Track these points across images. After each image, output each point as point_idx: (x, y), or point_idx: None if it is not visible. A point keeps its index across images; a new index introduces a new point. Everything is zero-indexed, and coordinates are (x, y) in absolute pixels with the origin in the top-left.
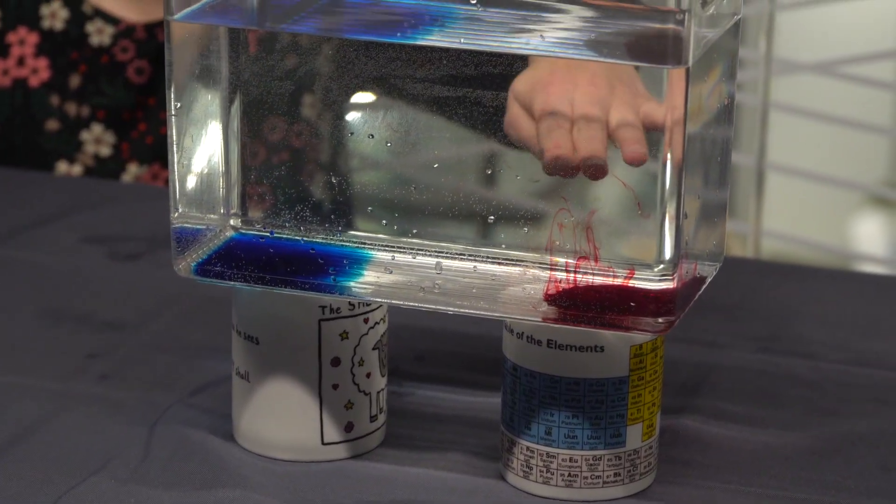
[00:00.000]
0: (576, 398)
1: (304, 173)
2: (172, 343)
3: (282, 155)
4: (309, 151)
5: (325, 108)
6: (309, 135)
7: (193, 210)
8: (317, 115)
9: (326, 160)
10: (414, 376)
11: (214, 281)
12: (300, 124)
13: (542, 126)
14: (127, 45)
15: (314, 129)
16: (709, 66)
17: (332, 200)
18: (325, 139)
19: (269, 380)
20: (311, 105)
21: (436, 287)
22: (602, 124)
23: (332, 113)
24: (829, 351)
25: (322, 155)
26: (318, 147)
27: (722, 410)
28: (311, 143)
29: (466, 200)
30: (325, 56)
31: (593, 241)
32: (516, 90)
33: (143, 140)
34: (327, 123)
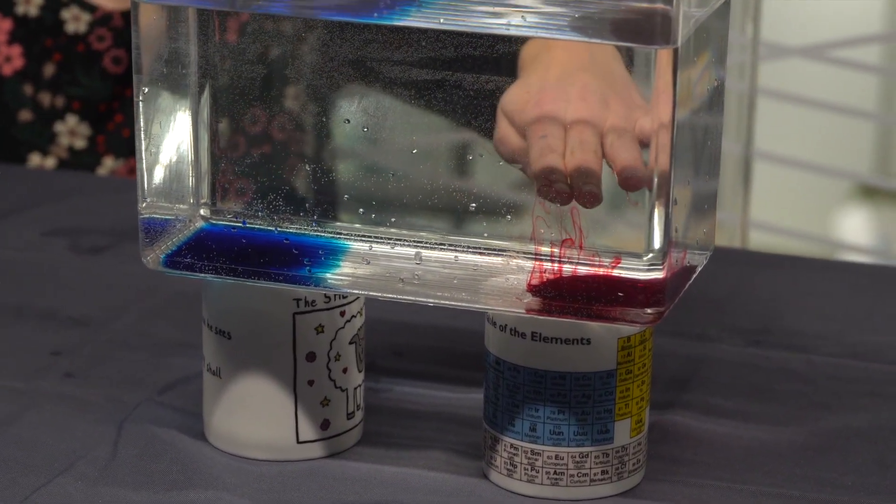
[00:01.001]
0: (561, 393)
1: (278, 161)
2: (140, 339)
3: (254, 142)
4: (282, 138)
5: (299, 93)
6: (282, 121)
7: (162, 200)
8: (290, 101)
9: (300, 147)
10: (392, 371)
11: (184, 273)
12: (272, 110)
13: (534, 150)
14: (104, 33)
15: (287, 114)
16: (698, 48)
17: (307, 189)
18: (298, 125)
19: (242, 376)
20: (284, 90)
21: (415, 278)
22: (596, 148)
23: (306, 98)
24: (822, 344)
25: (296, 141)
26: (292, 133)
27: (713, 405)
28: (284, 129)
29: (447, 188)
30: (299, 39)
31: (579, 223)
32: (505, 107)
33: (119, 132)
34: (301, 109)
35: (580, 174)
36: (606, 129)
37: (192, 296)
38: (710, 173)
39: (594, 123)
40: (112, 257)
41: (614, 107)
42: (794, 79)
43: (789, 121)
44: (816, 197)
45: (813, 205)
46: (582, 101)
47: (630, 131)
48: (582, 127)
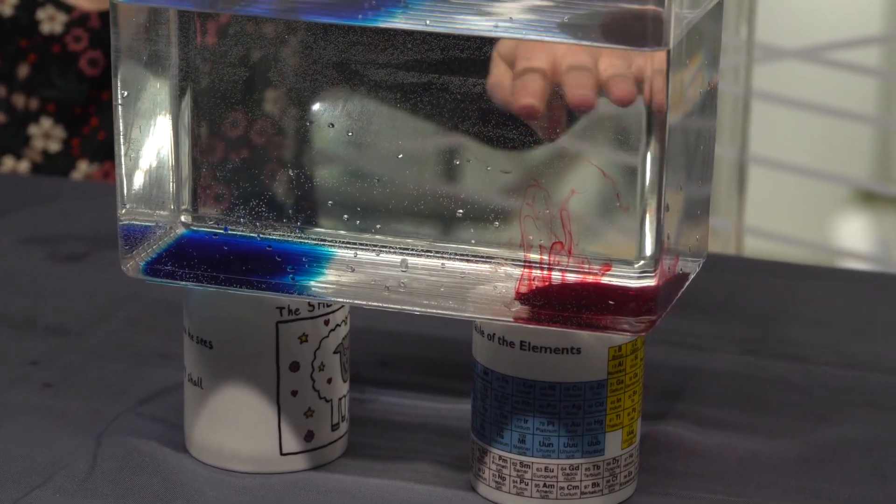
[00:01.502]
0: (551, 403)
1: (260, 166)
2: (120, 348)
3: (236, 147)
4: (265, 142)
5: (282, 96)
6: (265, 125)
7: (142, 206)
8: (273, 105)
9: (283, 152)
10: (377, 382)
11: (164, 281)
12: (255, 114)
13: (520, 70)
14: (80, 34)
15: (270, 119)
16: (690, 51)
17: (290, 194)
18: (281, 130)
19: (224, 386)
20: (267, 94)
21: (401, 286)
22: (589, 64)
23: (290, 102)
24: (818, 353)
25: (279, 146)
26: (275, 138)
27: (706, 416)
28: (267, 133)
29: (433, 194)
30: (282, 41)
31: (569, 227)
32: (501, 49)
33: (94, 136)
34: (284, 113)
35: (571, 72)
36: (602, 58)
37: (172, 304)
38: (704, 178)
39: (586, 60)
40: (91, 265)
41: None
42: (789, 81)
43: (785, 125)
44: (813, 202)
45: (810, 211)
46: (574, 47)
47: (626, 65)
48: (576, 54)
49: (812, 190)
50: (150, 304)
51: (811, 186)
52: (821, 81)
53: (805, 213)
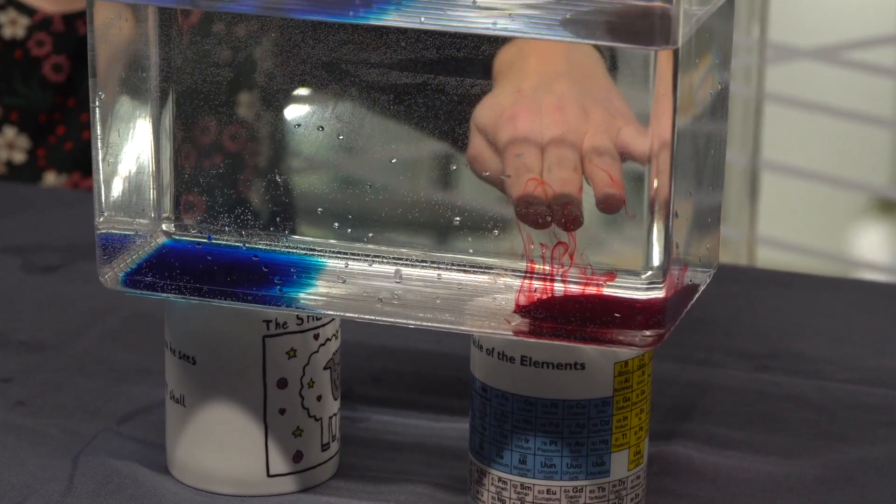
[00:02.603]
0: (553, 422)
1: (246, 171)
2: (98, 364)
3: (220, 151)
4: (251, 147)
5: (269, 98)
6: (251, 129)
7: (121, 214)
8: (259, 107)
9: (270, 156)
10: (370, 399)
11: (145, 293)
12: (240, 117)
13: (510, 171)
14: (43, 38)
15: (256, 122)
16: (700, 50)
17: (278, 201)
18: (268, 133)
19: (208, 404)
20: (253, 96)
21: (395, 298)
22: (575, 166)
23: (277, 104)
24: (835, 369)
25: (265, 151)
26: (261, 142)
27: (717, 436)
28: (253, 137)
29: (428, 200)
30: (269, 39)
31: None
32: (478, 121)
33: (61, 146)
34: (271, 115)
35: (559, 197)
36: (586, 144)
37: (153, 318)
38: (714, 185)
39: (572, 139)
40: (67, 276)
41: (594, 117)
42: (804, 83)
43: (799, 128)
44: (829, 211)
45: (825, 219)
46: (558, 114)
47: (611, 146)
48: (559, 144)
49: (828, 197)
50: (129, 317)
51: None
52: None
53: (820, 222)
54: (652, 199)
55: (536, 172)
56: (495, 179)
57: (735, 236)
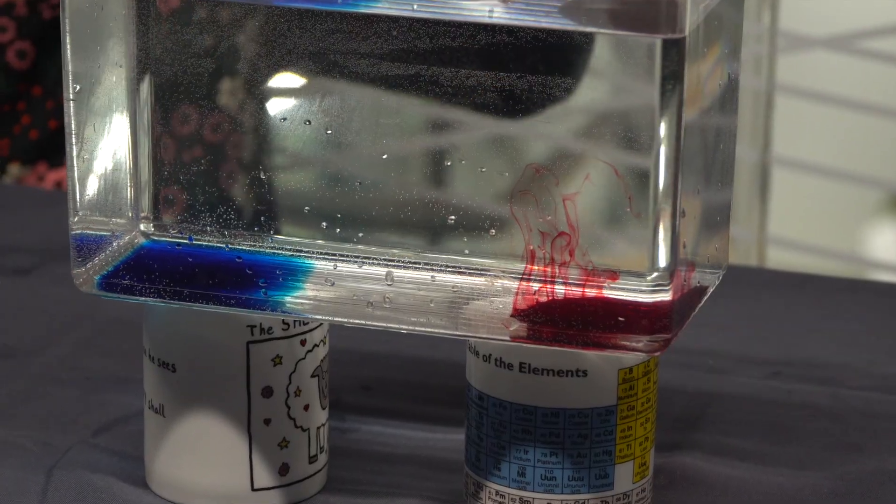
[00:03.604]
0: (554, 432)
1: (229, 168)
2: (72, 372)
3: (202, 147)
4: (234, 142)
5: (253, 90)
6: (233, 123)
7: (97, 214)
8: (243, 100)
9: (254, 152)
10: (360, 409)
11: (122, 297)
12: (223, 110)
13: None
14: (5, 23)
15: (240, 115)
16: (708, 39)
17: (262, 200)
18: (252, 128)
19: (189, 415)
20: (236, 87)
21: (386, 302)
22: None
23: (261, 96)
24: (851, 375)
25: (249, 146)
26: (245, 137)
27: (726, 446)
28: (236, 132)
29: (421, 199)
30: (252, 28)
31: (574, 215)
32: None
33: (25, 136)
34: (255, 109)
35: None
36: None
37: (131, 323)
38: (723, 181)
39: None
40: (39, 279)
41: None
42: (817, 74)
43: (812, 122)
44: (843, 209)
45: (839, 218)
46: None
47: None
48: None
49: (842, 195)
50: (106, 322)
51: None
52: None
53: (834, 221)
54: (658, 197)
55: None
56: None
57: (745, 235)
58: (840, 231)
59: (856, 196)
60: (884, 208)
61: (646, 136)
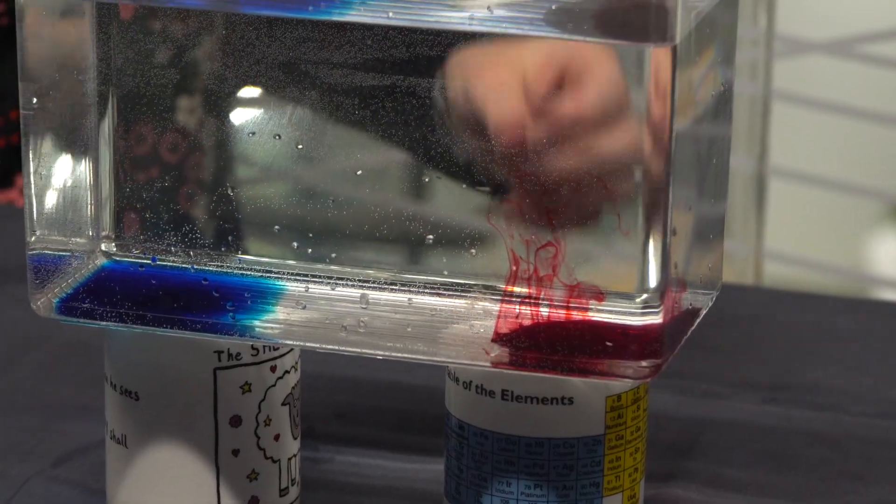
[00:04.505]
0: (538, 463)
1: (194, 184)
2: (30, 400)
3: (166, 162)
4: (199, 158)
5: (220, 103)
6: (199, 137)
7: (55, 232)
8: (209, 113)
9: (221, 168)
10: (334, 438)
11: (82, 321)
12: (189, 123)
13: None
14: None
15: (206, 129)
16: (701, 45)
17: (230, 218)
18: (219, 142)
19: (153, 445)
20: (202, 100)
21: (361, 325)
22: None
23: (229, 109)
24: (852, 400)
25: (216, 162)
26: (212, 152)
27: (721, 476)
28: (202, 147)
29: (398, 216)
30: (219, 38)
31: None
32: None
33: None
34: (222, 122)
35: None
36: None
37: (92, 348)
38: (717, 195)
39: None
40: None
41: None
42: (816, 79)
43: (811, 130)
44: (844, 221)
45: (840, 231)
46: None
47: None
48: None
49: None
50: (65, 347)
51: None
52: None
53: (835, 234)
54: (647, 213)
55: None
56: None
57: (740, 251)
58: (841, 245)
59: (857, 208)
60: (886, 220)
61: (634, 147)
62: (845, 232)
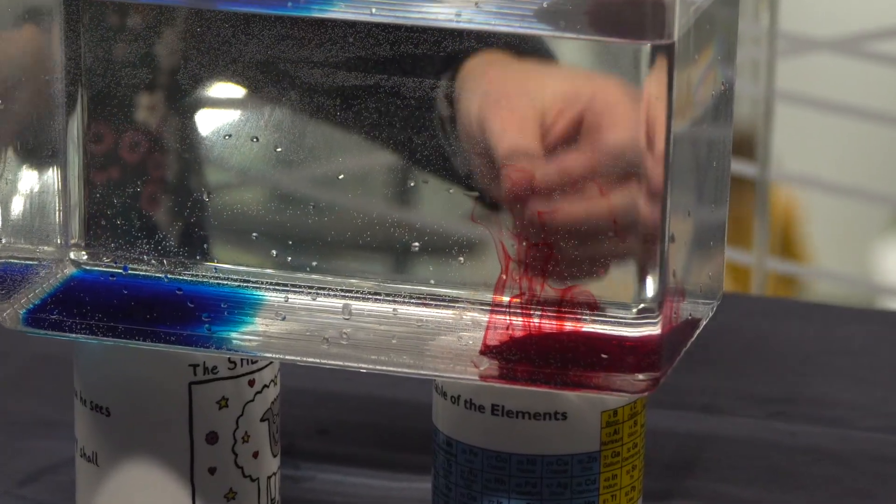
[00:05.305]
0: (531, 482)
1: (168, 190)
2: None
3: (138, 166)
4: (173, 162)
5: (195, 104)
6: (173, 140)
7: (21, 240)
8: (184, 115)
9: (197, 172)
10: (315, 455)
11: (50, 333)
12: (162, 125)
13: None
14: None
15: (181, 131)
16: (700, 44)
17: (205, 225)
18: (194, 145)
19: (125, 463)
20: (176, 101)
21: (343, 337)
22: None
23: (204, 111)
24: (860, 415)
25: (191, 165)
26: (186, 156)
27: (723, 495)
28: (176, 149)
29: (382, 223)
30: (195, 36)
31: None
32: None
33: None
34: (197, 123)
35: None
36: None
37: (60, 362)
38: (717, 200)
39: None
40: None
41: None
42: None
43: (815, 132)
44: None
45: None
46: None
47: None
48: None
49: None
50: (32, 361)
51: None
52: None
53: (841, 241)
54: (644, 220)
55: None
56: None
57: (742, 260)
58: (848, 252)
59: (865, 213)
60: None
61: (630, 150)
62: (852, 238)
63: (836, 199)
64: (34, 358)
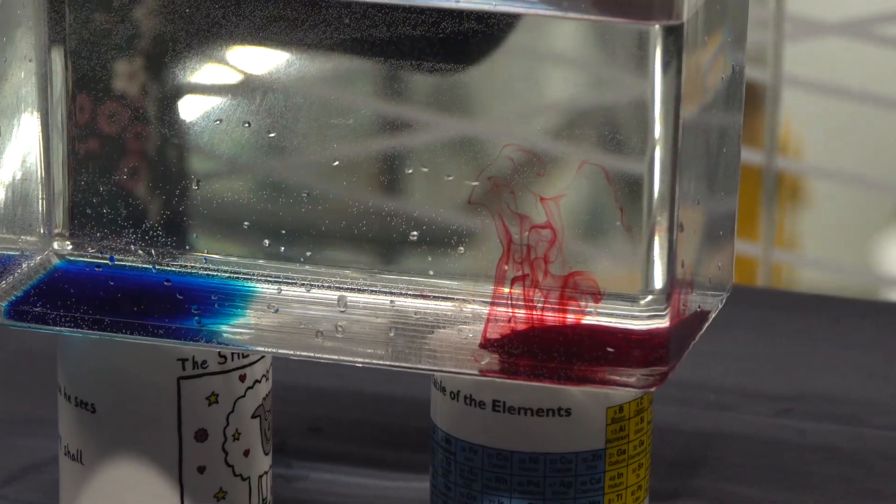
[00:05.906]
0: (533, 481)
1: (156, 177)
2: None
3: (125, 153)
4: (161, 148)
5: (184, 88)
6: (161, 125)
7: (3, 230)
8: (172, 99)
9: (186, 159)
10: (308, 454)
11: (33, 326)
12: (149, 110)
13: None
14: None
15: (168, 116)
16: (709, 26)
17: (195, 214)
18: (183, 131)
19: (111, 461)
20: (165, 84)
21: (338, 330)
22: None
23: (194, 95)
24: (872, 412)
25: (179, 152)
26: (175, 141)
27: (730, 494)
28: (163, 136)
29: (378, 211)
30: (183, 16)
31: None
32: None
33: None
34: (187, 108)
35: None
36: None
37: (44, 356)
38: (727, 189)
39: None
40: None
41: None
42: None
43: (824, 119)
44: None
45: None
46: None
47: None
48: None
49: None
50: (14, 356)
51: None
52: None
53: (852, 232)
54: (652, 208)
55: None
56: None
57: (751, 251)
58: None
59: (875, 203)
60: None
61: (638, 137)
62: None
63: (846, 189)
64: (16, 353)
